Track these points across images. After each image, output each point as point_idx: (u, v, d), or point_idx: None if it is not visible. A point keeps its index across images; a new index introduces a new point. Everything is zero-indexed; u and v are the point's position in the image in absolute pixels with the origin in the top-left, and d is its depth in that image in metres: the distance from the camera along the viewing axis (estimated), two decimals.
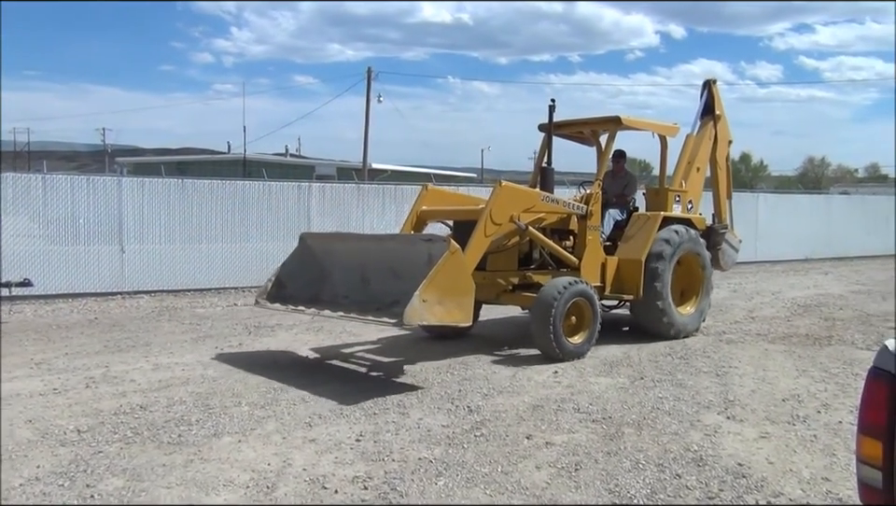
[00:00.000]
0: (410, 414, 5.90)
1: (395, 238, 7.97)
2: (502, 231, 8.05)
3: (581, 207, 8.84)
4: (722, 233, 10.64)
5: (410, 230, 8.75)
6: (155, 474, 4.59)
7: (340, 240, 8.47)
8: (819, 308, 12.13)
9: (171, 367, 7.50)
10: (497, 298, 8.63)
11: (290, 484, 4.49)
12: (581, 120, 9.96)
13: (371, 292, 7.57)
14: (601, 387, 6.83)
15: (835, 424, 5.78)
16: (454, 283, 6.62)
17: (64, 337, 9.12)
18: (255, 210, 14.09)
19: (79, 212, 12.49)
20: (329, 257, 8.22)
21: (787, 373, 7.47)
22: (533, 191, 8.69)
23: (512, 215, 8.01)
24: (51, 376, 7.05)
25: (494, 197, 7.96)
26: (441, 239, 6.98)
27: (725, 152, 11.12)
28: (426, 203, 8.95)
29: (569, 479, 4.61)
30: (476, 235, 7.65)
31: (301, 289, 8.03)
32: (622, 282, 8.99)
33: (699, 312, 9.65)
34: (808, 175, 74.86)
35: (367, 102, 38.20)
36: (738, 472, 4.74)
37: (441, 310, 6.50)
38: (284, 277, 8.14)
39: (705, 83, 10.84)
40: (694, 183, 10.29)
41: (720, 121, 10.75)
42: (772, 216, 20.78)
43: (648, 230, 9.13)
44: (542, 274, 8.67)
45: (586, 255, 8.74)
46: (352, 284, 7.86)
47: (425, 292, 6.30)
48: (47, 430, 5.40)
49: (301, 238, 8.49)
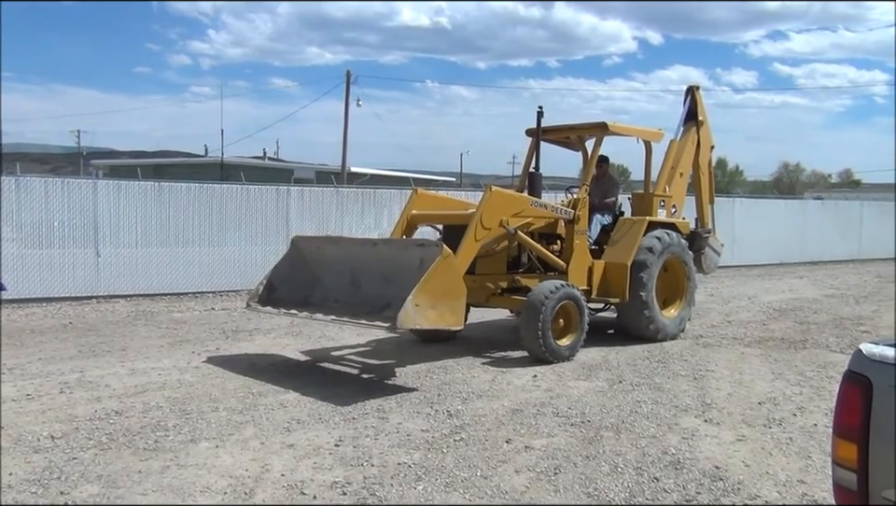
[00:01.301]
0: (389, 419, 5.88)
1: (387, 242, 7.98)
2: (492, 235, 8.13)
3: (568, 212, 8.92)
4: (706, 238, 10.78)
5: (400, 234, 8.82)
6: (131, 481, 4.53)
7: (332, 243, 8.47)
8: (794, 312, 12.28)
9: (147, 372, 7.42)
10: (486, 301, 8.74)
11: (268, 489, 4.46)
12: (568, 126, 10.07)
13: (361, 296, 7.59)
14: (580, 391, 6.86)
15: (811, 427, 5.85)
16: (446, 287, 6.66)
17: (38, 342, 8.99)
18: (233, 214, 13.97)
19: (54, 215, 12.32)
20: (320, 260, 8.22)
21: (763, 377, 7.55)
22: (522, 196, 8.80)
23: (502, 219, 8.10)
24: (24, 382, 6.95)
25: (484, 202, 8.05)
26: (433, 244, 7.05)
27: (708, 157, 11.23)
28: (415, 208, 9.05)
29: (548, 483, 4.62)
30: (466, 240, 7.75)
31: (291, 293, 8.04)
32: (608, 285, 9.08)
33: (683, 315, 9.78)
34: (783, 181, 75.68)
35: (346, 105, 38.12)
36: (715, 475, 4.78)
37: (434, 314, 6.54)
38: (275, 281, 8.14)
39: (688, 89, 10.92)
40: (678, 188, 10.41)
41: (702, 127, 10.84)
42: (748, 220, 20.97)
43: (634, 234, 9.24)
44: (531, 278, 8.77)
45: (573, 259, 8.83)
46: (343, 287, 7.87)
47: (417, 297, 6.33)
48: (20, 437, 5.31)
49: (293, 241, 8.51)
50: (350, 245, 8.36)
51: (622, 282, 8.96)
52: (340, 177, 33.98)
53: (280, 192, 14.67)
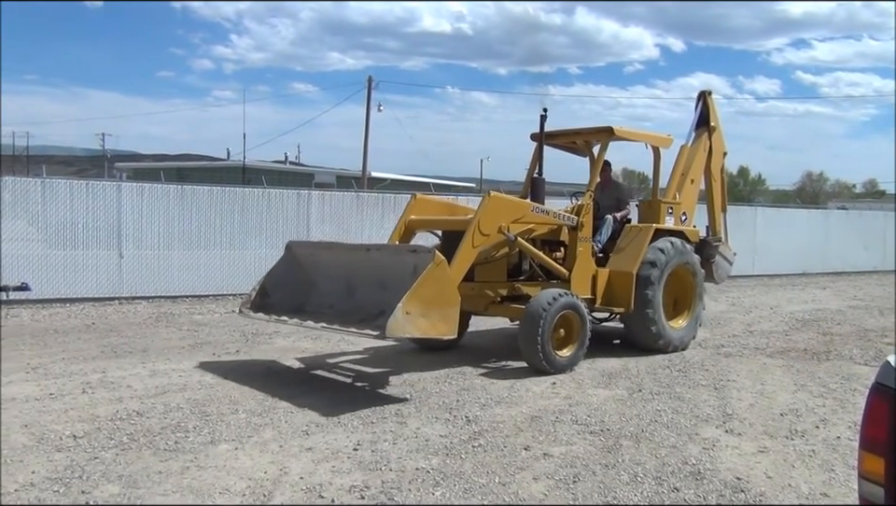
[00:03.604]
0: (408, 424, 5.88)
1: (381, 248, 7.82)
2: (490, 242, 7.94)
3: (571, 218, 8.70)
4: (716, 246, 10.55)
5: (398, 239, 8.62)
6: (151, 481, 4.56)
7: (326, 249, 8.32)
8: (817, 323, 12.13)
9: (168, 373, 7.47)
10: (485, 309, 8.53)
11: (287, 492, 4.47)
12: (573, 131, 9.86)
13: (356, 303, 7.42)
14: (599, 399, 6.82)
15: (834, 439, 5.77)
16: (438, 295, 6.50)
17: (61, 342, 9.10)
18: (254, 217, 14.08)
19: (78, 217, 12.47)
20: (315, 266, 8.09)
21: (785, 388, 7.46)
22: (522, 202, 8.57)
23: (501, 226, 7.88)
24: (48, 381, 7.03)
25: (482, 208, 7.85)
26: (426, 250, 6.88)
27: (720, 164, 11.01)
28: (414, 213, 8.82)
29: (567, 491, 4.59)
30: (464, 246, 7.55)
31: (286, 299, 7.90)
32: (612, 294, 8.85)
33: (691, 326, 9.52)
34: (806, 190, 75.05)
35: (367, 110, 38.26)
36: (737, 487, 4.72)
37: (426, 323, 6.39)
38: (268, 286, 8.02)
39: (700, 94, 10.77)
40: (688, 195, 10.19)
41: (714, 133, 10.65)
42: (770, 230, 20.80)
43: (640, 242, 9.00)
44: (532, 286, 8.52)
45: (576, 266, 8.62)
46: (338, 294, 7.73)
47: (408, 304, 6.19)
48: (43, 436, 5.37)
49: (288, 246, 8.38)
50: (344, 251, 8.21)
51: (626, 291, 8.72)
52: (360, 182, 34.11)
53: (301, 196, 14.76)
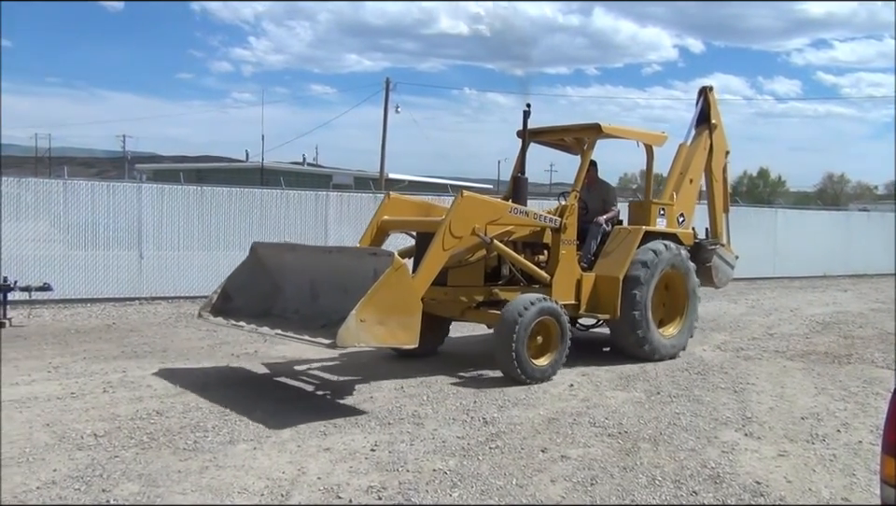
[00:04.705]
0: (425, 425, 5.89)
1: (342, 251, 7.52)
2: (463, 244, 7.54)
3: (554, 220, 8.20)
4: (712, 249, 10.15)
5: (369, 241, 8.21)
6: (170, 480, 4.60)
7: (290, 251, 7.95)
8: (838, 326, 12.01)
9: (187, 373, 7.53)
10: (461, 315, 8.14)
11: (305, 492, 4.49)
12: (560, 127, 9.35)
13: (320, 308, 7.05)
14: (617, 402, 6.79)
15: (855, 443, 5.70)
16: (397, 301, 6.13)
17: (82, 341, 9.19)
18: (273, 218, 14.15)
19: (99, 217, 12.62)
20: (280, 269, 7.77)
21: (805, 391, 7.39)
22: (499, 203, 8.08)
23: (475, 227, 7.42)
24: (69, 380, 7.10)
25: (453, 208, 7.36)
26: (386, 253, 6.50)
27: (722, 163, 10.59)
28: (387, 213, 8.39)
29: (585, 494, 4.58)
30: (433, 249, 7.11)
31: (251, 303, 7.60)
32: (598, 300, 8.39)
33: (683, 333, 9.02)
34: (827, 192, 74.39)
35: (385, 112, 38.44)
36: (756, 491, 4.69)
37: (383, 331, 6.02)
38: (231, 290, 7.68)
39: (701, 90, 10.37)
40: (687, 195, 9.76)
41: (716, 130, 10.24)
42: (791, 232, 20.64)
43: (628, 245, 8.51)
44: (511, 291, 8.06)
45: (559, 270, 8.14)
46: (302, 298, 7.40)
47: (363, 311, 5.82)
48: (64, 434, 5.43)
49: (252, 248, 8.00)
50: (307, 254, 7.83)
51: (612, 297, 8.27)
52: (378, 183, 34.20)
53: (319, 197, 14.82)
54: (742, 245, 19.00)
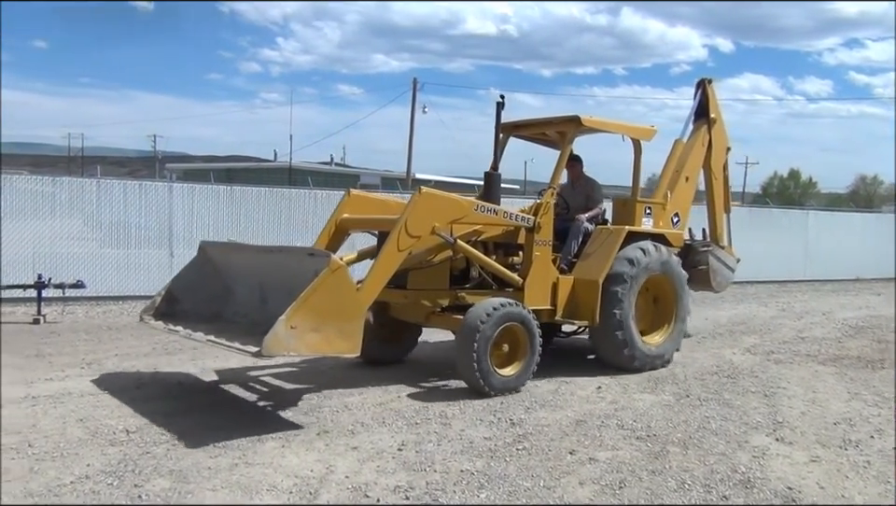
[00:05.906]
0: (452, 425, 5.89)
1: (283, 251, 7.08)
2: (422, 244, 6.98)
3: (527, 219, 7.62)
4: (705, 251, 9.62)
5: (326, 240, 7.70)
6: (201, 477, 4.65)
7: (237, 251, 7.49)
8: (871, 330, 11.80)
9: (218, 370, 7.61)
10: (426, 320, 7.64)
11: (333, 490, 4.52)
12: (540, 120, 8.77)
13: (268, 312, 6.25)
14: (646, 404, 6.74)
15: (889, 450, 5.60)
16: (335, 306, 5.66)
17: (115, 338, 9.34)
18: (301, 218, 14.25)
19: (131, 216, 12.82)
20: (228, 270, 7.32)
21: (838, 396, 7.28)
22: (462, 200, 7.38)
23: (435, 227, 6.87)
24: (102, 376, 7.21)
25: (410, 206, 6.81)
26: (323, 254, 6.00)
27: (722, 160, 10.07)
28: (347, 211, 7.81)
29: (613, 497, 4.55)
30: (387, 249, 6.58)
31: (200, 306, 7.15)
32: (576, 305, 7.83)
33: (671, 341, 8.49)
34: (860, 194, 73.20)
35: (412, 112, 38.51)
36: (788, 496, 4.62)
37: (317, 338, 5.58)
38: (177, 292, 7.22)
39: (699, 82, 9.84)
40: (682, 194, 9.19)
41: (715, 125, 9.71)
42: (822, 234, 20.35)
43: (609, 247, 7.94)
44: (479, 295, 7.46)
45: (532, 273, 7.57)
46: (252, 302, 6.91)
47: (293, 318, 5.40)
48: (97, 430, 5.51)
49: (201, 247, 7.50)
50: (253, 254, 7.27)
51: (591, 302, 7.70)
52: (405, 183, 34.30)
53: None
54: (772, 247, 18.98)
